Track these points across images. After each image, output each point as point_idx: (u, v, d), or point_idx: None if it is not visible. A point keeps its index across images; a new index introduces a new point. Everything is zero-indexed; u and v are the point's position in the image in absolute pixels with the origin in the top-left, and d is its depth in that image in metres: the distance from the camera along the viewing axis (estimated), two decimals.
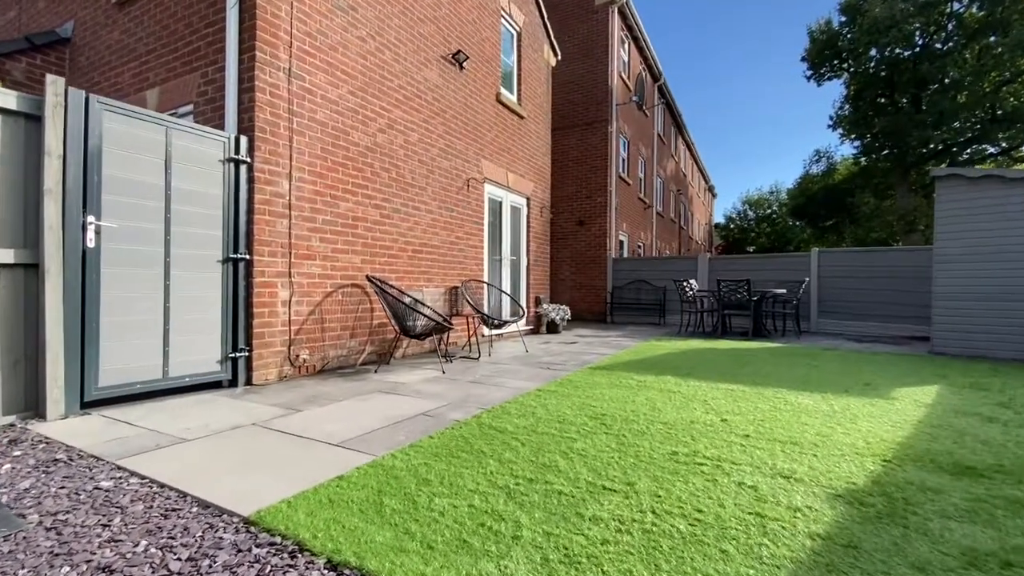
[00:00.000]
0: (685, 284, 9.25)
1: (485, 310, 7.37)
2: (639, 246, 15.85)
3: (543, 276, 9.39)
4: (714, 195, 38.91)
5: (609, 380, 4.41)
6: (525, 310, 8.79)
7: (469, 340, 6.79)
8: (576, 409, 3.34)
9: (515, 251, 8.55)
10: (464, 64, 6.81)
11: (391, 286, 5.34)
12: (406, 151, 5.79)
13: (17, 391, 2.95)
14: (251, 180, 4.09)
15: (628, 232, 14.37)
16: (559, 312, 8.90)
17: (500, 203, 8.04)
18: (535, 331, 8.93)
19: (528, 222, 8.87)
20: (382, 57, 5.44)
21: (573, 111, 12.93)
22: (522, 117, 8.53)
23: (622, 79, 13.57)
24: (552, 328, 8.93)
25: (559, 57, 10.02)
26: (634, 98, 13.03)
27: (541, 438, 2.73)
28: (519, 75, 8.58)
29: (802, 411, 3.41)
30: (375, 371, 4.78)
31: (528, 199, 8.86)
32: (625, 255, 14.19)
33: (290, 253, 4.39)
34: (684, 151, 24.13)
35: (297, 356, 4.45)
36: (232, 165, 4.00)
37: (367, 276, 4.93)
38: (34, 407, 3.00)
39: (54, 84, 3.03)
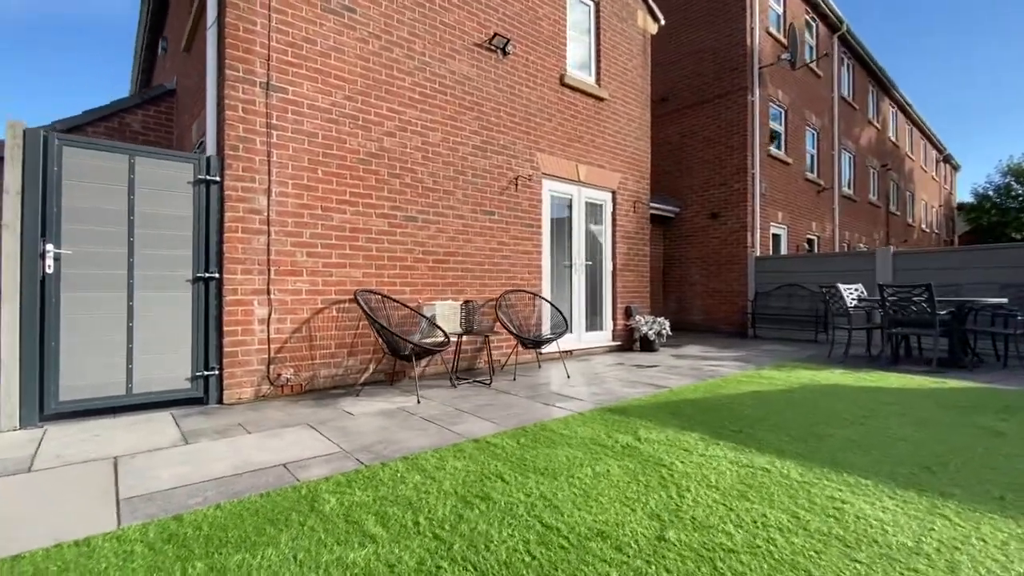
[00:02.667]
0: (834, 291, 6.86)
1: (545, 325, 6.48)
2: (810, 240, 12.68)
3: (638, 282, 7.98)
4: (954, 167, 29.68)
5: (595, 434, 3.24)
6: (612, 322, 7.56)
7: (508, 359, 6.01)
8: (458, 499, 2.42)
9: (593, 255, 7.40)
10: (507, 49, 6.06)
11: (394, 301, 4.93)
12: (424, 153, 5.33)
13: None
14: (221, 199, 4.09)
15: (787, 223, 11.57)
16: (654, 326, 7.42)
17: (569, 201, 7.02)
18: (624, 348, 7.62)
19: (613, 220, 7.61)
20: (390, 56, 5.08)
21: (702, 83, 10.92)
22: (601, 99, 7.35)
23: (770, 36, 10.98)
24: (646, 345, 7.49)
25: (661, 23, 8.44)
26: (784, 56, 10.39)
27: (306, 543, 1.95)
28: (597, 51, 7.41)
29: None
30: (358, 394, 4.41)
31: (613, 193, 7.61)
32: (784, 252, 11.45)
33: (269, 270, 4.29)
34: (894, 115, 18.77)
35: (278, 375, 4.33)
36: (203, 186, 4.05)
37: (355, 292, 4.59)
38: None
39: (12, 128, 3.36)
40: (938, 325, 5.74)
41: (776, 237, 11.39)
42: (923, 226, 22.49)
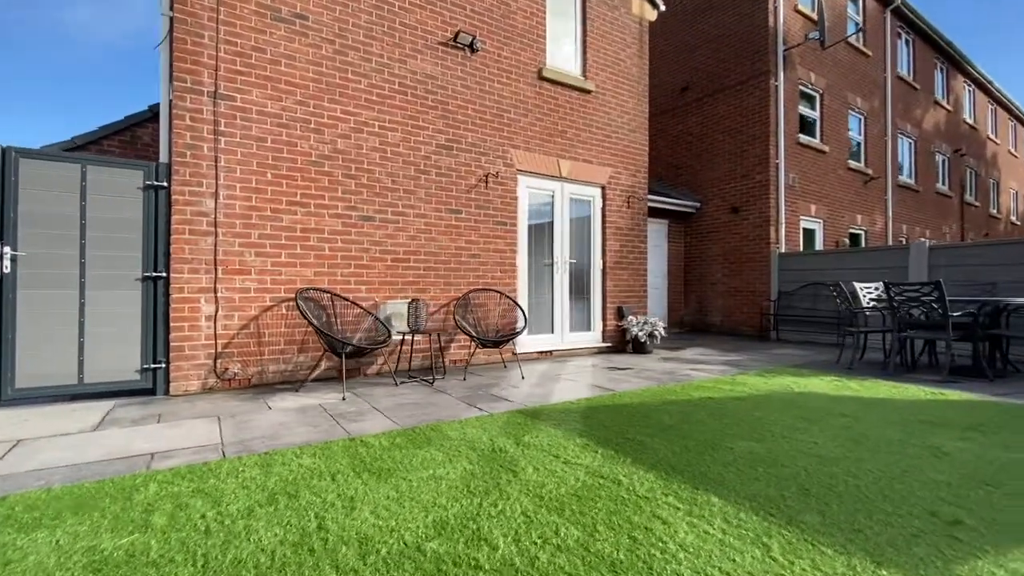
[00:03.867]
0: (843, 290, 6.20)
1: (519, 324, 6.36)
2: (855, 235, 11.57)
3: (633, 281, 7.63)
4: None
5: (480, 436, 3.13)
6: (602, 323, 7.29)
7: (472, 358, 5.94)
8: (266, 495, 2.42)
9: (580, 253, 7.15)
10: (476, 46, 6.00)
11: (345, 299, 5.04)
12: (382, 154, 5.40)
13: None
14: (169, 204, 4.35)
15: (824, 217, 10.62)
16: (645, 327, 7.07)
17: (551, 197, 6.84)
18: (616, 349, 7.31)
19: (603, 216, 7.33)
20: (344, 59, 5.19)
21: (723, 70, 10.26)
22: (587, 91, 7.09)
23: (800, 14, 10.13)
24: (638, 347, 7.15)
25: (661, 8, 8.02)
26: (811, 35, 9.54)
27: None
28: (584, 41, 7.16)
29: None
30: (298, 390, 4.53)
31: (603, 188, 7.32)
32: (819, 248, 10.53)
33: (216, 269, 4.52)
34: (970, 94, 16.71)
35: (225, 369, 4.55)
36: (152, 191, 4.33)
37: (297, 292, 4.73)
38: None
39: None
40: (951, 328, 5.03)
41: (809, 232, 10.49)
42: (1012, 218, 19.83)
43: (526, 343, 6.52)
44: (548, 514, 2.05)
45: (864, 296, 6.49)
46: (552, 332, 6.82)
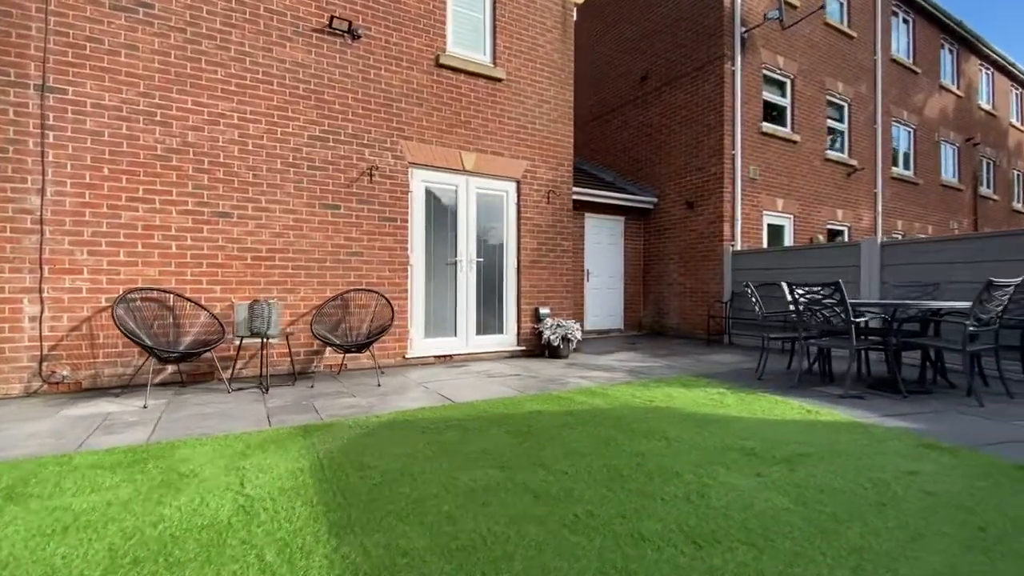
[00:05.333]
0: (751, 291, 5.61)
1: (415, 327, 6.02)
2: (835, 231, 10.70)
3: (554, 281, 7.16)
4: None
5: (215, 449, 2.81)
6: (516, 325, 6.86)
7: (341, 364, 5.62)
8: None
9: (490, 251, 6.74)
10: (357, 32, 5.69)
11: (187, 299, 4.80)
12: (242, 147, 5.15)
13: None
14: None
15: (794, 212, 9.84)
16: (558, 330, 6.60)
17: (453, 192, 6.45)
18: (532, 353, 6.87)
19: (519, 212, 6.89)
20: (197, 48, 4.96)
21: (681, 56, 9.63)
22: (497, 80, 6.67)
23: None
24: (553, 352, 6.69)
25: None
26: (770, 14, 8.81)
27: None
28: (493, 26, 6.74)
29: None
30: (118, 395, 4.31)
31: (518, 182, 6.89)
32: (789, 244, 9.76)
33: (41, 268, 4.35)
34: (988, 78, 15.33)
35: (52, 372, 4.38)
36: None
37: (120, 294, 4.51)
38: None
39: None
40: (857, 335, 4.40)
41: (776, 229, 9.73)
42: None
43: (422, 347, 6.17)
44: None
45: (799, 298, 5.86)
46: (455, 335, 6.44)
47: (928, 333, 5.03)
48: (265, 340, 4.83)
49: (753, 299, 5.63)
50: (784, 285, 5.17)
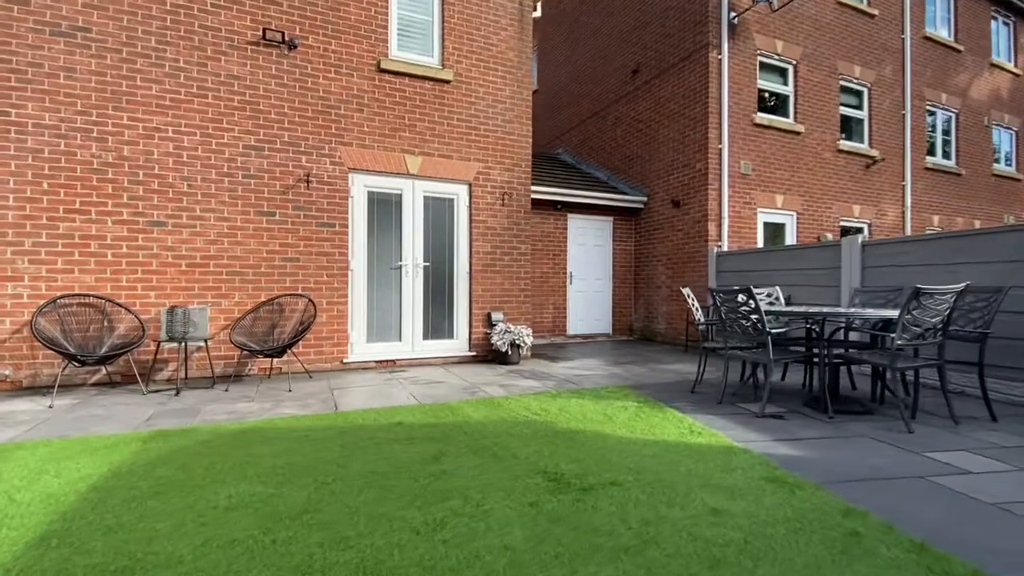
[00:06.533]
0: (688, 295, 5.20)
1: (357, 332, 6.08)
2: (849, 229, 9.78)
3: (509, 285, 6.99)
4: None
5: (45, 452, 2.95)
6: (468, 330, 6.77)
7: (271, 368, 5.73)
8: None
9: (440, 255, 6.67)
10: (294, 43, 5.80)
11: (118, 304, 5.08)
12: (176, 158, 5.38)
13: None
14: None
15: (796, 208, 9.09)
16: (506, 336, 6.44)
17: (397, 196, 6.44)
18: (483, 359, 6.75)
19: (471, 216, 6.78)
20: (133, 67, 5.24)
21: (669, 47, 9.14)
22: (445, 81, 6.60)
23: None
24: (501, 358, 6.54)
25: None
26: None
27: None
28: (442, 27, 6.67)
29: None
30: (47, 394, 4.62)
31: (470, 185, 6.78)
32: (792, 243, 9.02)
33: None
34: None
35: None
36: None
37: (44, 303, 4.84)
38: None
39: None
40: (770, 345, 3.97)
41: (776, 227, 9.02)
42: None
43: (363, 351, 6.21)
44: None
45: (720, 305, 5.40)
46: (399, 340, 6.44)
47: (879, 345, 4.45)
48: (185, 344, 5.03)
49: (690, 301, 5.21)
50: (710, 291, 4.76)
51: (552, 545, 1.96)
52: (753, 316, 4.03)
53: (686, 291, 5.25)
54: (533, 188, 8.71)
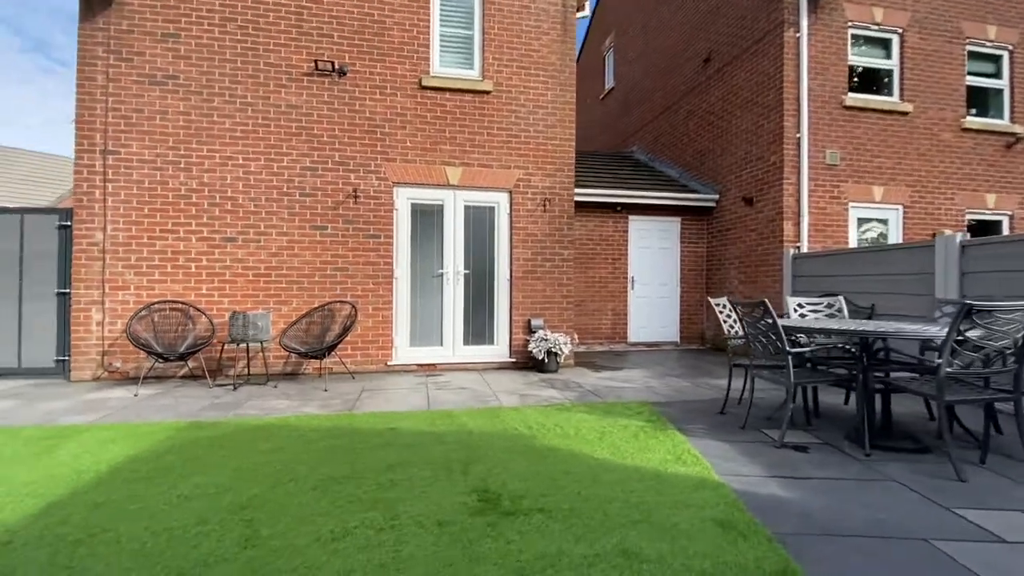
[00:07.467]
0: (730, 307, 4.72)
1: (402, 334, 6.48)
2: (980, 223, 8.13)
3: (551, 292, 6.90)
4: None
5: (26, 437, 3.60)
6: (508, 337, 6.83)
7: (321, 368, 6.24)
8: None
9: (480, 262, 6.80)
10: (344, 70, 6.32)
11: (197, 309, 5.93)
12: (245, 182, 6.15)
13: None
14: (70, 238, 5.82)
15: (903, 201, 7.78)
16: (542, 344, 6.39)
17: (439, 206, 6.69)
18: (523, 366, 6.75)
19: (511, 223, 6.83)
20: (211, 105, 6.09)
21: (742, 30, 8.36)
22: (485, 92, 6.71)
23: None
24: (539, 366, 6.50)
25: None
26: None
27: None
28: (482, 40, 6.78)
29: None
30: (139, 383, 5.55)
31: (510, 192, 6.82)
32: (897, 242, 7.76)
33: (103, 285, 5.85)
34: None
35: (110, 364, 5.85)
36: (64, 229, 5.86)
37: (147, 304, 5.78)
38: None
39: None
40: (791, 365, 3.48)
41: (872, 224, 7.79)
42: None
43: (406, 355, 6.56)
44: None
45: (803, 317, 4.81)
46: (440, 345, 6.68)
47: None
48: (247, 344, 5.73)
49: (721, 313, 4.72)
50: (725, 302, 4.30)
51: (434, 567, 1.95)
52: (772, 334, 3.57)
53: (719, 302, 4.77)
54: (588, 191, 8.53)
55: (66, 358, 5.81)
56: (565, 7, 7.03)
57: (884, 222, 7.84)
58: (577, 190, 8.27)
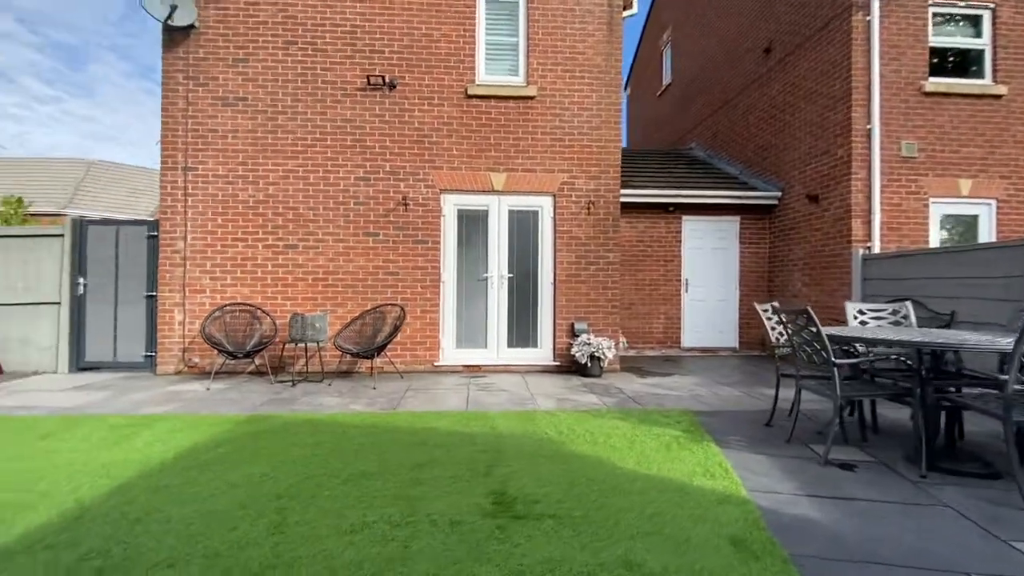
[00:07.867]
0: (773, 312, 4.46)
1: (448, 338, 6.70)
2: None
3: (595, 295, 6.83)
4: None
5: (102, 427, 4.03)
6: (552, 340, 6.85)
7: (372, 368, 6.53)
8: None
9: (526, 266, 6.86)
10: (394, 84, 6.62)
11: (263, 310, 6.44)
12: (304, 193, 6.60)
13: (50, 359, 6.59)
14: (157, 247, 6.52)
15: (997, 195, 6.99)
16: (585, 348, 6.36)
17: (483, 212, 6.83)
18: (567, 369, 6.74)
19: (555, 226, 6.83)
20: (275, 123, 6.60)
21: (805, 16, 7.86)
22: (529, 98, 6.77)
23: None
24: (582, 370, 6.47)
25: None
26: None
27: None
28: (527, 46, 6.84)
29: None
30: (213, 378, 6.10)
31: (554, 196, 6.84)
32: (989, 240, 6.99)
33: (184, 289, 6.50)
34: None
35: (190, 359, 6.49)
36: (152, 239, 6.58)
37: (215, 309, 6.34)
38: (54, 368, 6.57)
39: (67, 219, 6.54)
40: (837, 377, 3.25)
41: (963, 221, 7.04)
42: None
43: (452, 356, 6.75)
44: None
45: (864, 324, 4.48)
46: (485, 347, 6.82)
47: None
48: (306, 344, 6.14)
49: (766, 319, 4.45)
50: (769, 308, 4.07)
51: (438, 564, 2.04)
52: (816, 342, 3.35)
53: (765, 307, 4.51)
54: (638, 192, 8.35)
55: (153, 354, 6.51)
56: (611, 7, 6.94)
57: (973, 219, 7.06)
58: (626, 191, 8.16)
